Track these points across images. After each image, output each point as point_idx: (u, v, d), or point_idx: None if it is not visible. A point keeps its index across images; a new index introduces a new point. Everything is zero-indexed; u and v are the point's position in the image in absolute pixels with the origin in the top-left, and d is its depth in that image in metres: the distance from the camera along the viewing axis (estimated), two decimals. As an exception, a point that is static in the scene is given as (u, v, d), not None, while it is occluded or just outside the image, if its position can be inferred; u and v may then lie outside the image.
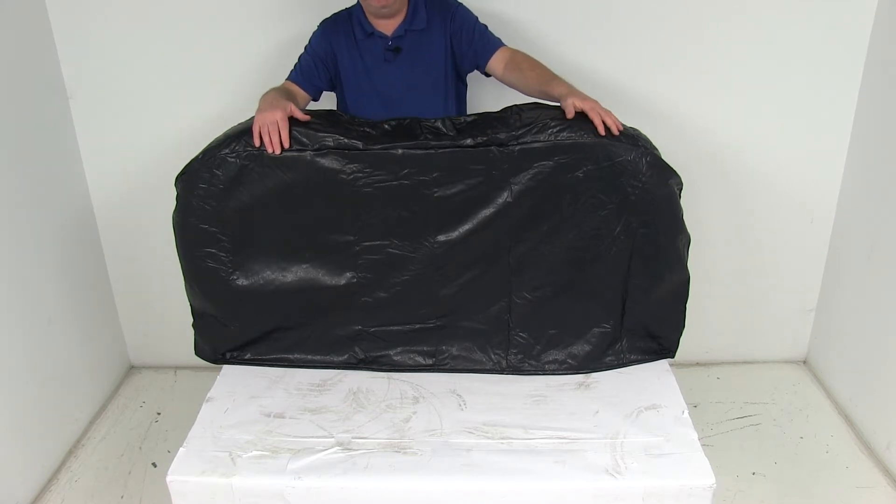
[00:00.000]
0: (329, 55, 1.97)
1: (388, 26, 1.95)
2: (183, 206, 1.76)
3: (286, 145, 1.68)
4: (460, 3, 2.02)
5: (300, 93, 1.97)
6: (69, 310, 2.34)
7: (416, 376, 1.85)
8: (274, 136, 1.68)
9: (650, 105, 2.32)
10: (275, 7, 2.25)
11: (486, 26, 2.01)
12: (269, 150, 1.68)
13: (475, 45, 1.97)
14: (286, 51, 2.21)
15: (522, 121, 1.73)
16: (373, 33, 1.94)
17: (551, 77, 1.87)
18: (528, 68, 1.91)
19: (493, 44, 1.98)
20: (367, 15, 1.94)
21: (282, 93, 1.87)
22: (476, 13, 2.02)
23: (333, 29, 1.98)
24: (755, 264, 2.59)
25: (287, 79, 2.00)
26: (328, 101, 2.07)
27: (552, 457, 1.55)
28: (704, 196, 2.39)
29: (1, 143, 2.02)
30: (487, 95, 2.18)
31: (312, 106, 2.05)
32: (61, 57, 2.30)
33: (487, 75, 2.04)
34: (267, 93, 1.87)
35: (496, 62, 1.96)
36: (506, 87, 2.00)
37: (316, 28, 2.01)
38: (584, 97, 1.75)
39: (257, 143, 1.69)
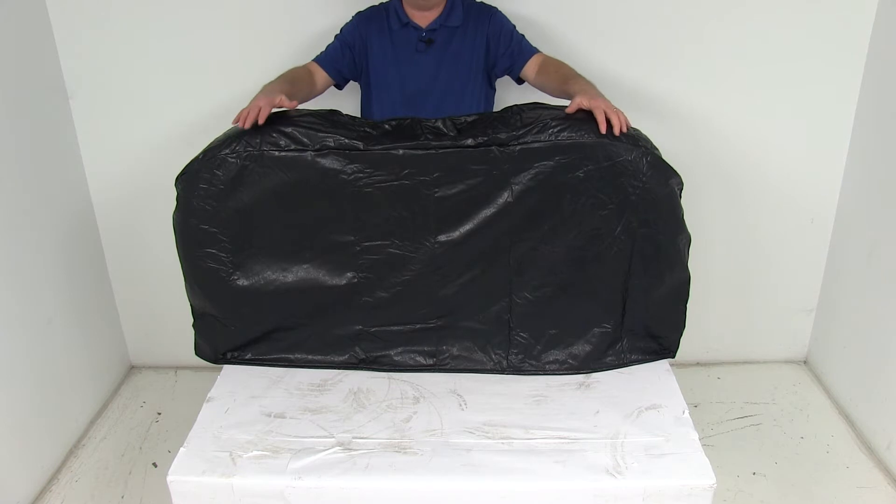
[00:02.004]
0: (359, 44, 2.01)
1: (424, 18, 1.98)
2: (183, 206, 1.75)
3: (260, 122, 1.69)
4: (497, 9, 2.06)
5: (320, 74, 2.01)
6: (69, 310, 2.34)
7: (416, 376, 1.84)
8: (251, 115, 1.70)
9: (650, 105, 2.33)
10: (275, 7, 2.25)
11: (523, 35, 2.06)
12: (241, 125, 1.70)
13: (512, 50, 2.02)
14: (287, 50, 2.21)
15: (523, 121, 1.73)
16: (408, 23, 1.98)
17: (573, 76, 1.91)
18: (553, 70, 1.96)
19: (529, 51, 2.03)
20: (405, 5, 1.98)
21: (283, 81, 1.89)
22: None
23: (368, 19, 2.02)
24: (755, 264, 2.59)
25: (313, 59, 2.03)
26: (349, 98, 2.07)
27: (552, 457, 1.55)
28: (705, 196, 2.40)
29: (1, 143, 2.02)
30: (514, 100, 2.17)
31: (332, 97, 2.07)
32: (62, 56, 2.30)
33: (520, 81, 2.08)
34: (268, 83, 1.88)
35: (530, 67, 2.01)
36: (532, 89, 2.05)
37: (350, 18, 2.05)
38: (595, 96, 1.75)
39: (234, 121, 1.73)
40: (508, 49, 2.02)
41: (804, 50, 2.29)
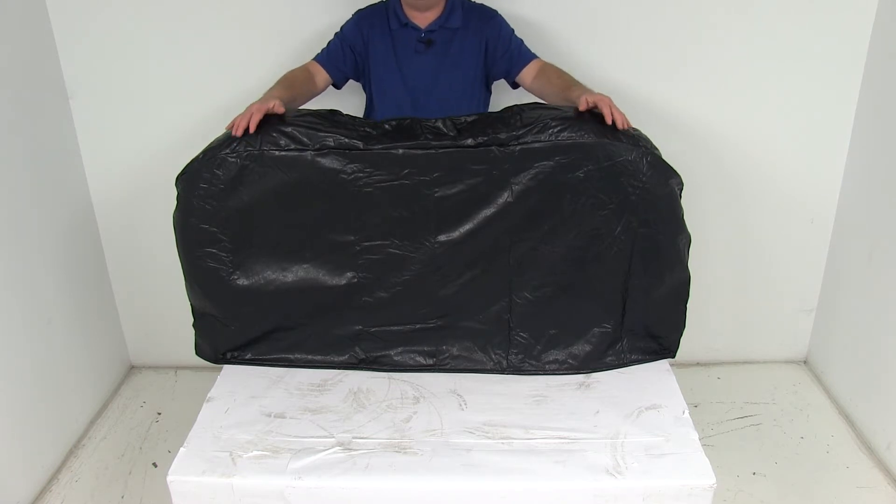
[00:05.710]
0: (359, 43, 2.01)
1: (423, 19, 1.98)
2: (183, 205, 1.75)
3: (250, 131, 1.70)
4: (498, 12, 2.06)
5: (321, 74, 2.02)
6: (69, 310, 2.34)
7: (416, 376, 1.85)
8: (242, 122, 1.70)
9: (650, 105, 2.33)
10: (275, 7, 2.25)
11: (521, 40, 2.06)
12: (233, 132, 1.71)
13: (511, 53, 2.03)
14: (288, 50, 2.21)
15: (523, 121, 1.73)
16: (407, 24, 1.98)
17: (575, 83, 1.92)
18: (554, 77, 1.97)
19: (528, 56, 2.04)
20: (404, 6, 1.98)
21: (281, 88, 1.89)
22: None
23: (368, 19, 2.02)
24: (755, 264, 2.59)
25: (313, 59, 2.03)
26: (349, 98, 2.07)
27: (552, 457, 1.55)
28: (705, 196, 2.40)
29: (1, 143, 2.02)
30: (512, 101, 2.17)
31: (333, 98, 2.06)
32: (61, 57, 2.30)
33: (515, 86, 2.09)
34: (268, 90, 1.88)
35: (527, 73, 2.02)
36: (529, 93, 2.05)
37: (350, 17, 2.05)
38: (598, 94, 1.78)
39: (227, 128, 1.73)
40: (507, 52, 2.02)
41: (804, 50, 2.29)
